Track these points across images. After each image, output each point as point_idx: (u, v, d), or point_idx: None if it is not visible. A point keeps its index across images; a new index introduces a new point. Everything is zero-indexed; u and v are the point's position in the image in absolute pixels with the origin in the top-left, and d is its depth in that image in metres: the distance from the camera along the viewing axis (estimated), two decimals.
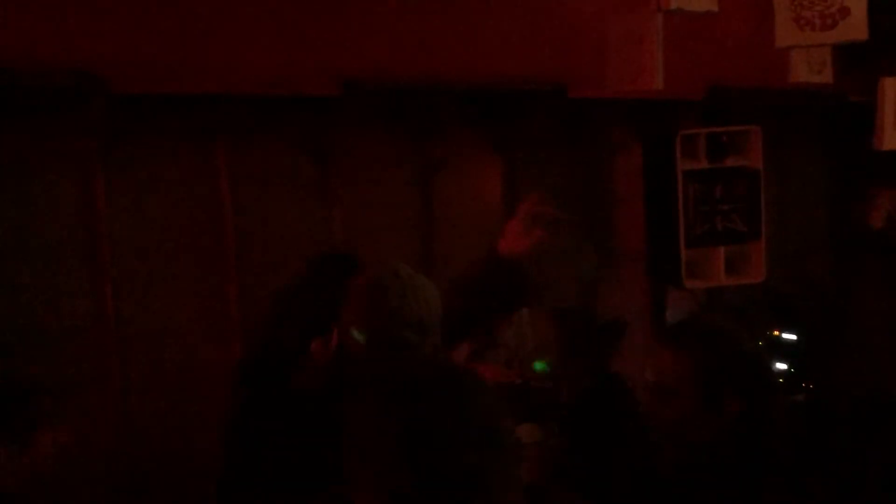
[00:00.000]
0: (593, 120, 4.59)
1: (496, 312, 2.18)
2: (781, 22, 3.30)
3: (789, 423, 2.00)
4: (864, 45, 3.58)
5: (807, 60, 4.06)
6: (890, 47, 3.11)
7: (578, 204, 4.60)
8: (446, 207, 4.32)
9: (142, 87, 3.45)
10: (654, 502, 1.91)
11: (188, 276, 3.83)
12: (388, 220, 4.22)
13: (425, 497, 1.10)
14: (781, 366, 5.12)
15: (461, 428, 1.13)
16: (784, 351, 5.13)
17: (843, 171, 5.29)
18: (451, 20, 3.87)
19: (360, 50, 3.72)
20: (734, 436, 1.78)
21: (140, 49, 3.39)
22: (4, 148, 3.42)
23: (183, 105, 3.66)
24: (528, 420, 3.07)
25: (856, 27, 3.09)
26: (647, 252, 4.79)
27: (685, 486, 1.83)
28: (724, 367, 1.83)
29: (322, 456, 1.66)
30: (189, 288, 3.84)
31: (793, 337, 5.15)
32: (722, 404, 1.80)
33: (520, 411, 3.04)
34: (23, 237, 3.49)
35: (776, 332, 5.18)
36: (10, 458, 2.04)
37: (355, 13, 3.72)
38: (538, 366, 3.28)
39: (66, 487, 3.09)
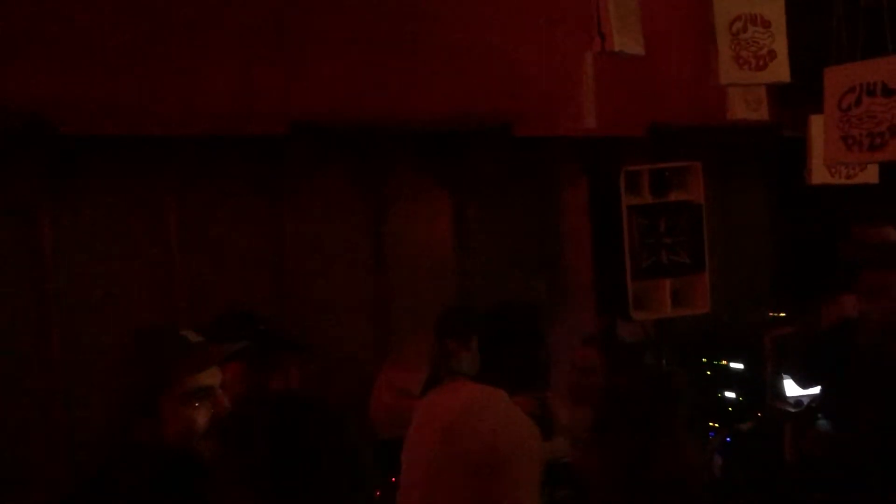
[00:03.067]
0: (540, 157, 4.69)
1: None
2: (724, 60, 3.43)
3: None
4: (798, 83, 3.73)
5: (744, 98, 4.21)
6: (818, 86, 3.24)
7: (528, 240, 4.69)
8: (396, 244, 4.37)
9: (91, 129, 3.46)
10: None
11: (137, 315, 3.82)
12: (338, 256, 4.25)
13: None
14: (730, 394, 5.21)
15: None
16: (732, 380, 5.22)
17: (780, 204, 5.43)
18: (398, 61, 3.95)
19: (309, 90, 3.78)
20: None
21: (89, 91, 3.41)
22: None
23: (132, 146, 3.68)
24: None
25: (781, 70, 3.23)
26: (595, 285, 4.87)
27: None
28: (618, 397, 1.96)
29: None
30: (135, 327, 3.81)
31: (740, 366, 5.25)
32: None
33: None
34: None
35: (724, 362, 5.27)
36: None
37: (303, 54, 3.78)
38: None
39: None
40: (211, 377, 1.78)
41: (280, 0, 3.73)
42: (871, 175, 3.80)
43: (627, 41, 3.10)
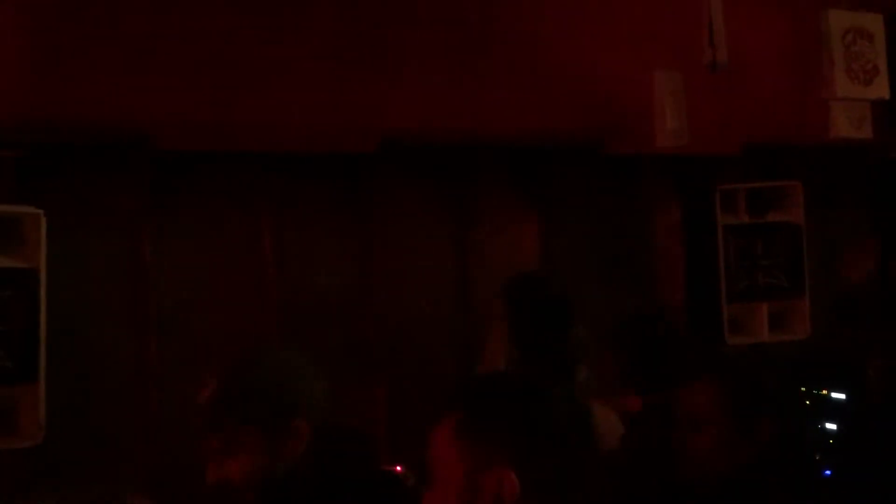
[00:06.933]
0: (631, 176, 4.61)
1: None
2: (839, 72, 3.34)
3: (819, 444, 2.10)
4: None
5: (847, 115, 4.06)
6: None
7: (617, 260, 4.60)
8: (482, 264, 4.35)
9: (186, 145, 3.57)
10: None
11: (231, 332, 3.89)
12: (424, 275, 4.26)
13: None
14: (830, 426, 4.98)
15: None
16: (833, 411, 5.00)
17: (884, 227, 5.20)
18: (487, 78, 3.95)
19: (397, 107, 3.81)
20: (767, 459, 1.86)
21: (185, 107, 3.52)
22: (55, 206, 3.55)
23: (225, 162, 3.78)
24: None
25: (883, 86, 3.14)
26: (688, 308, 4.74)
27: None
28: (753, 392, 1.92)
29: None
30: (231, 344, 3.89)
31: (842, 396, 5.02)
32: (754, 429, 1.88)
33: None
34: (71, 293, 3.59)
35: (824, 391, 5.06)
36: None
37: (392, 71, 3.82)
38: None
39: None
40: None
41: (370, 17, 3.78)
42: None
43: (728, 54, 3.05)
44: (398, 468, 3.28)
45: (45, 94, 3.32)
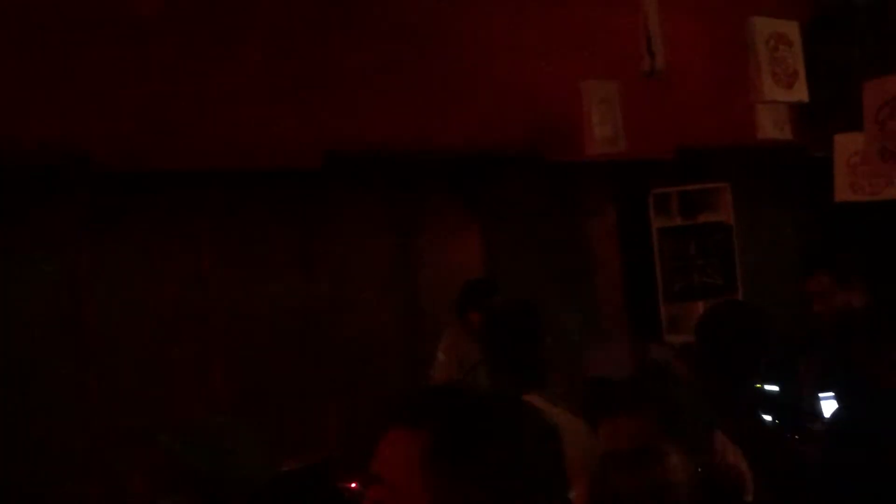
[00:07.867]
0: (568, 183, 4.70)
1: None
2: (765, 76, 3.46)
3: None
4: (821, 104, 3.74)
5: (771, 118, 4.22)
6: (843, 105, 3.25)
7: (557, 266, 4.69)
8: (427, 272, 4.38)
9: (126, 166, 3.52)
10: None
11: (173, 351, 3.84)
12: (370, 284, 4.27)
13: None
14: (766, 417, 5.13)
15: None
16: (767, 403, 5.14)
17: (809, 222, 5.39)
18: (429, 90, 3.99)
19: (341, 122, 3.82)
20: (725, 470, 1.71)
21: (124, 127, 3.48)
22: None
23: (166, 181, 3.74)
24: None
25: (802, 89, 3.27)
26: (627, 309, 4.85)
27: None
28: (684, 404, 1.74)
29: None
30: (174, 361, 3.85)
31: (775, 388, 5.18)
32: (701, 442, 1.70)
33: None
34: (9, 314, 3.50)
35: (758, 385, 5.21)
36: None
37: (335, 87, 3.83)
38: None
39: None
40: None
41: (310, 35, 3.79)
42: None
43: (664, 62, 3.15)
44: (353, 485, 3.28)
45: None
